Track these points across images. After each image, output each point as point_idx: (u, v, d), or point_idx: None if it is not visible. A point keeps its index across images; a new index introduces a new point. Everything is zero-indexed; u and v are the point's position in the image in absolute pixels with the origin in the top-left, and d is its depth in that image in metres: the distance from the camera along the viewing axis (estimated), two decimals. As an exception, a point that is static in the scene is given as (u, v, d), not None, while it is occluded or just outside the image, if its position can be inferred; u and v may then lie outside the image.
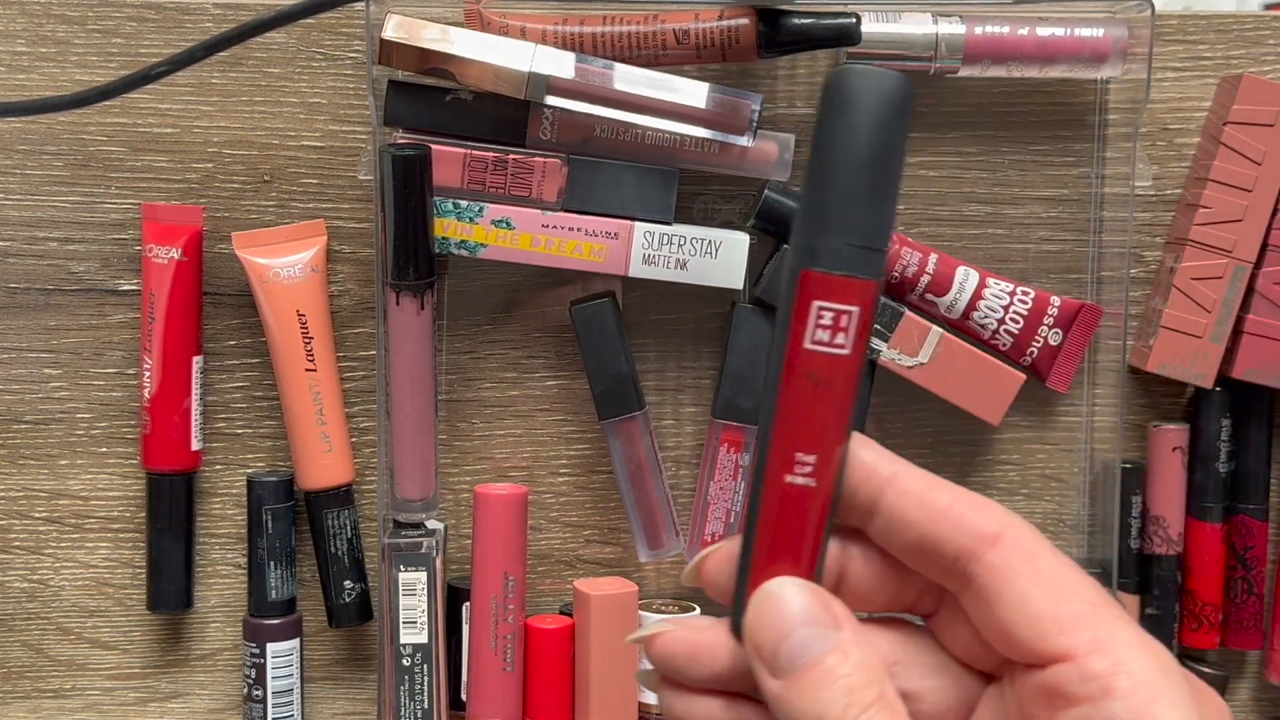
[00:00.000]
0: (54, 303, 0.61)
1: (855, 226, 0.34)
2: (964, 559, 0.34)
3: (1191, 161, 0.62)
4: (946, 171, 0.62)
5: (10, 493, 0.62)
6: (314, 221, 0.61)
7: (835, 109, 0.34)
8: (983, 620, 0.34)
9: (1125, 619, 0.33)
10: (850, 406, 0.35)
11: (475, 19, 0.57)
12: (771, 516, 0.35)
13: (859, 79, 0.34)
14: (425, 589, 0.59)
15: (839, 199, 0.34)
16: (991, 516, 0.35)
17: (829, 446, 0.34)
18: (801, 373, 0.34)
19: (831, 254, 0.34)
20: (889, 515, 0.35)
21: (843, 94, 0.34)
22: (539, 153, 0.58)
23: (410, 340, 0.58)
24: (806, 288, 0.34)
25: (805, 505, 0.35)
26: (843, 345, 0.34)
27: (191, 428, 0.60)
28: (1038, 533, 0.35)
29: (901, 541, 0.35)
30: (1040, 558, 0.34)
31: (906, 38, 0.58)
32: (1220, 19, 0.62)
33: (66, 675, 0.63)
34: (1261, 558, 0.63)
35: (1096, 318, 0.61)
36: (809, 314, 0.34)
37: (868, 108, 0.34)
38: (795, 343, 0.34)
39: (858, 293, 0.34)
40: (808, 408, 0.34)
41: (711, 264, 0.59)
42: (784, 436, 0.34)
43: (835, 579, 0.36)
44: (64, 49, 0.60)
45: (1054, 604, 0.33)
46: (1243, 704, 0.65)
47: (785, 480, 0.34)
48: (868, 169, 0.34)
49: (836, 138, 0.34)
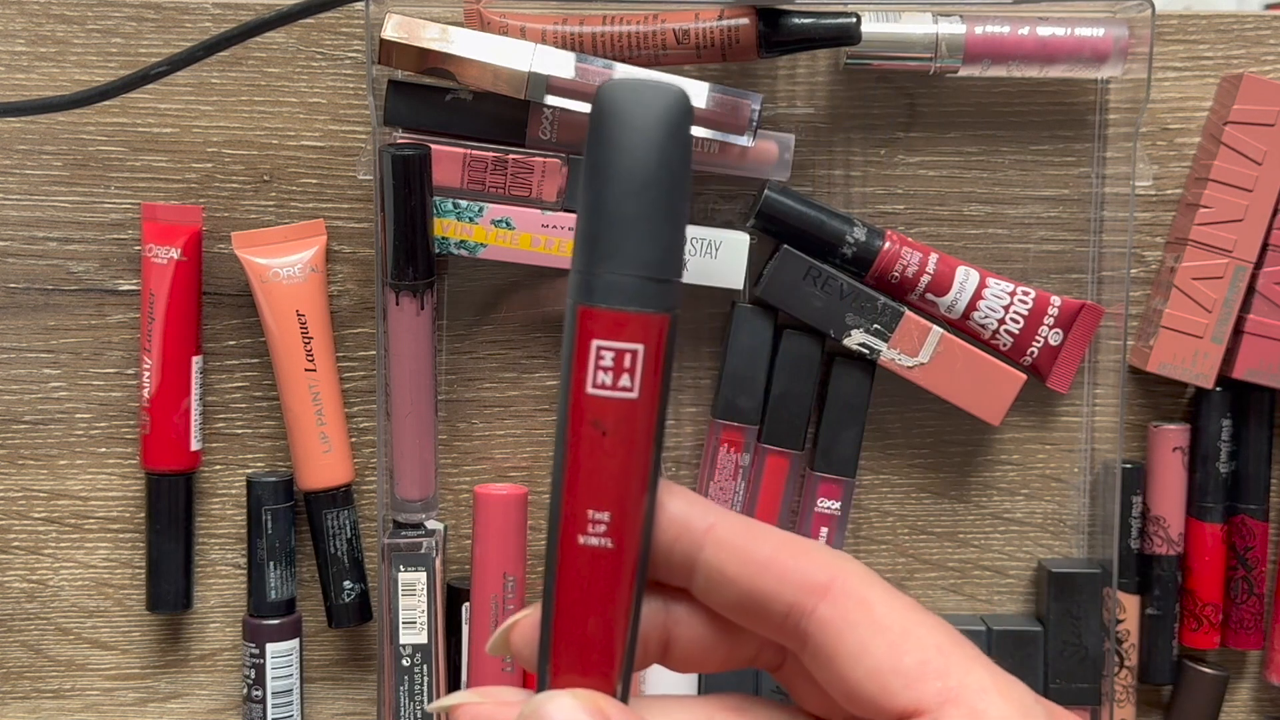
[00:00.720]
0: (53, 303, 0.61)
1: (635, 255, 0.30)
2: (794, 615, 0.32)
3: (1192, 161, 0.62)
4: (947, 171, 0.62)
5: (9, 493, 0.62)
6: (313, 221, 0.61)
7: (605, 126, 0.31)
8: (826, 678, 0.32)
9: (977, 658, 0.31)
10: (648, 456, 0.31)
11: (475, 19, 0.57)
12: (568, 582, 0.31)
13: (628, 92, 0.31)
14: (425, 589, 0.59)
15: (614, 225, 0.30)
16: (818, 564, 0.32)
17: (625, 502, 0.31)
18: (586, 420, 0.31)
19: (609, 287, 0.30)
20: (708, 572, 0.32)
21: (611, 109, 0.31)
22: (539, 152, 0.58)
23: (410, 340, 0.58)
24: (585, 326, 0.31)
25: (603, 568, 0.31)
26: (628, 388, 0.31)
27: (191, 428, 0.60)
28: (870, 574, 0.32)
29: (726, 600, 0.32)
30: (875, 604, 0.31)
31: (907, 37, 0.58)
32: (1221, 19, 0.62)
33: (66, 675, 0.63)
34: (1262, 558, 0.63)
35: (1097, 318, 0.61)
36: (589, 355, 0.31)
37: (640, 123, 0.30)
38: (577, 388, 0.31)
39: (642, 329, 0.30)
40: (596, 459, 0.31)
41: (711, 264, 0.59)
42: (573, 493, 0.31)
43: (660, 644, 0.33)
44: (63, 49, 0.60)
45: (895, 654, 0.31)
46: (1243, 704, 0.65)
47: (579, 541, 0.31)
48: (645, 190, 0.30)
49: (607, 157, 0.30)
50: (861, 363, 0.61)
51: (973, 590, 0.64)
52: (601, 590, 0.31)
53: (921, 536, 0.63)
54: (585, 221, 0.31)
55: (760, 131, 0.58)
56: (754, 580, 0.32)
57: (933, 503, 0.63)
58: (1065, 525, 0.64)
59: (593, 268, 0.31)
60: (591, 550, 0.31)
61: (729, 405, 0.60)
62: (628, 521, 0.31)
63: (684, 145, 0.31)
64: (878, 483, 0.63)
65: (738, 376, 0.60)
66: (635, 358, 0.31)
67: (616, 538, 0.31)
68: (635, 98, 0.30)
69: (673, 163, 0.31)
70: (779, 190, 0.59)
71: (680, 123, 0.31)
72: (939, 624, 0.32)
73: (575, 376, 0.31)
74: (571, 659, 0.32)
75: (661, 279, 0.31)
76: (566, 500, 0.31)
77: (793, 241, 0.60)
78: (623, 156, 0.30)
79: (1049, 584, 0.62)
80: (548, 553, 0.32)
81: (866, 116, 0.61)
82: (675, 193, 0.31)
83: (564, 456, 0.31)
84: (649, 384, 0.31)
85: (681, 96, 0.31)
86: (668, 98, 0.31)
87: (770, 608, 0.32)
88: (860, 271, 0.60)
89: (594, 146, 0.31)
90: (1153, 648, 0.63)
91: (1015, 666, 0.61)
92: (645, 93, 0.31)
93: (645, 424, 0.31)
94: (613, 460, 0.31)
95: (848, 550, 0.63)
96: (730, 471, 0.61)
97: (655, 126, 0.30)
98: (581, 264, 0.31)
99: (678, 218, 0.31)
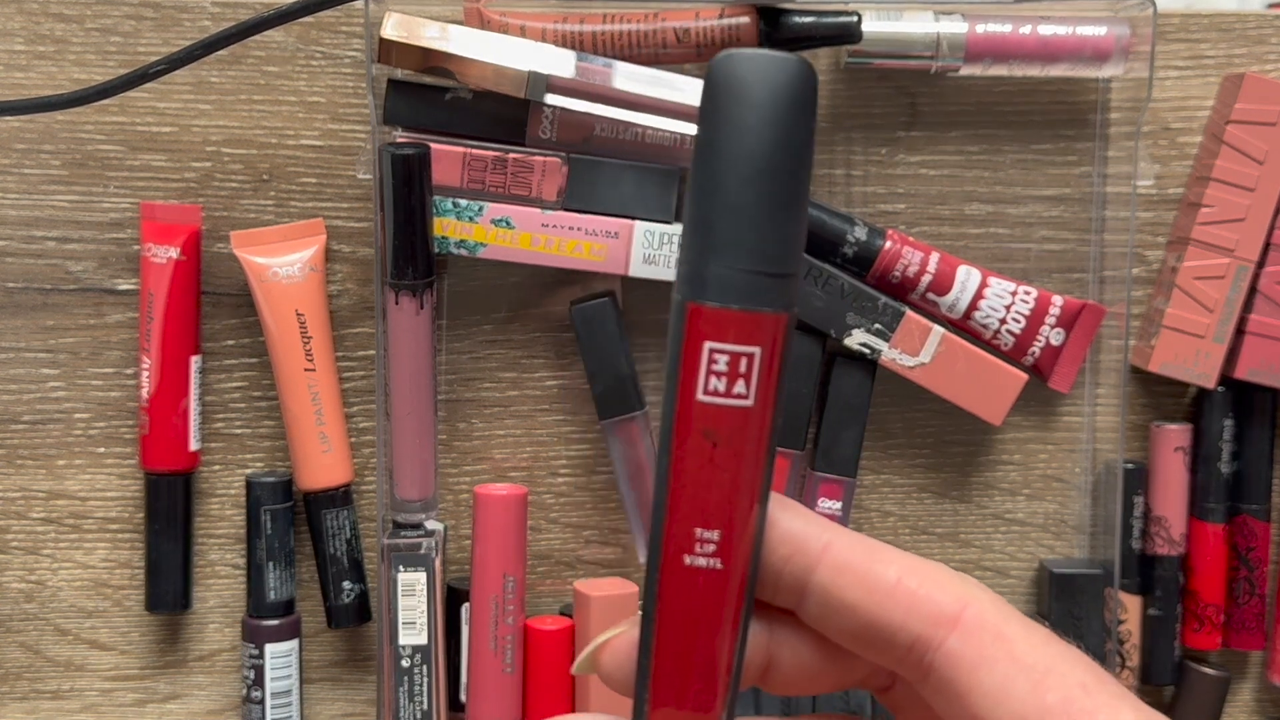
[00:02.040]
0: (51, 302, 0.61)
1: (754, 247, 0.28)
2: (920, 648, 0.29)
3: (1194, 161, 0.62)
4: (948, 171, 0.62)
5: (8, 493, 0.62)
6: (313, 221, 0.61)
7: (723, 101, 0.28)
8: (952, 713, 0.29)
9: (1123, 697, 0.29)
10: (761, 468, 0.29)
11: (475, 17, 0.57)
12: (672, 606, 0.29)
13: (749, 64, 0.28)
14: (424, 590, 0.59)
15: (731, 213, 0.28)
16: (948, 592, 0.30)
17: (736, 519, 0.29)
18: (696, 430, 0.28)
19: (724, 282, 0.28)
20: (823, 597, 0.30)
21: (729, 85, 0.28)
22: (539, 152, 0.58)
23: (409, 340, 0.58)
24: (696, 325, 0.28)
25: (711, 591, 0.29)
26: (744, 395, 0.28)
27: (190, 428, 0.60)
28: (1003, 603, 0.30)
29: (842, 627, 0.30)
30: (1013, 638, 0.29)
31: (908, 36, 0.58)
32: (1223, 18, 0.62)
33: (64, 676, 0.63)
34: (1264, 558, 0.63)
35: (1099, 317, 0.61)
36: (700, 358, 0.28)
37: (761, 100, 0.27)
38: (686, 394, 0.28)
39: (759, 330, 0.28)
40: (706, 473, 0.28)
41: (712, 263, 0.59)
42: (680, 509, 0.29)
43: (761, 667, 0.31)
44: (62, 47, 0.60)
45: (1037, 694, 0.28)
46: (1245, 705, 0.65)
47: (685, 562, 0.29)
48: (767, 174, 0.28)
49: (725, 137, 0.28)
50: (862, 362, 0.60)
51: (974, 591, 0.64)
52: (708, 615, 0.29)
53: (923, 537, 0.63)
54: (697, 207, 0.28)
55: (761, 130, 0.58)
56: (877, 609, 0.29)
57: (934, 503, 0.63)
58: (1067, 526, 0.63)
59: (706, 260, 0.28)
60: (699, 571, 0.29)
61: (730, 405, 0.60)
62: (738, 540, 0.29)
63: (809, 124, 0.28)
64: (879, 483, 0.63)
65: (738, 376, 0.60)
66: (752, 362, 0.28)
67: (726, 558, 0.29)
68: (757, 70, 0.28)
69: (797, 143, 0.28)
70: (780, 189, 0.59)
71: (807, 99, 0.28)
72: (1080, 658, 0.30)
73: (684, 381, 0.28)
74: (674, 688, 0.30)
75: (782, 274, 0.28)
76: (672, 517, 0.29)
77: (793, 241, 0.59)
78: (744, 136, 0.27)
79: (1050, 584, 0.62)
80: (648, 573, 0.29)
81: (867, 115, 0.61)
82: (798, 177, 0.28)
83: (669, 469, 0.29)
84: (765, 391, 0.28)
85: (807, 70, 0.28)
86: (793, 70, 0.28)
87: (894, 639, 0.29)
88: (861, 271, 0.60)
89: (710, 124, 0.28)
90: (1154, 648, 0.63)
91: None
92: (768, 65, 0.28)
93: (760, 434, 0.28)
94: (724, 474, 0.28)
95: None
96: (731, 472, 0.61)
97: (780, 103, 0.27)
98: (692, 255, 0.28)
99: (800, 205, 0.28)
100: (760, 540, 0.29)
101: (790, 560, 0.30)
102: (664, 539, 0.29)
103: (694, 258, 0.28)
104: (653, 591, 0.29)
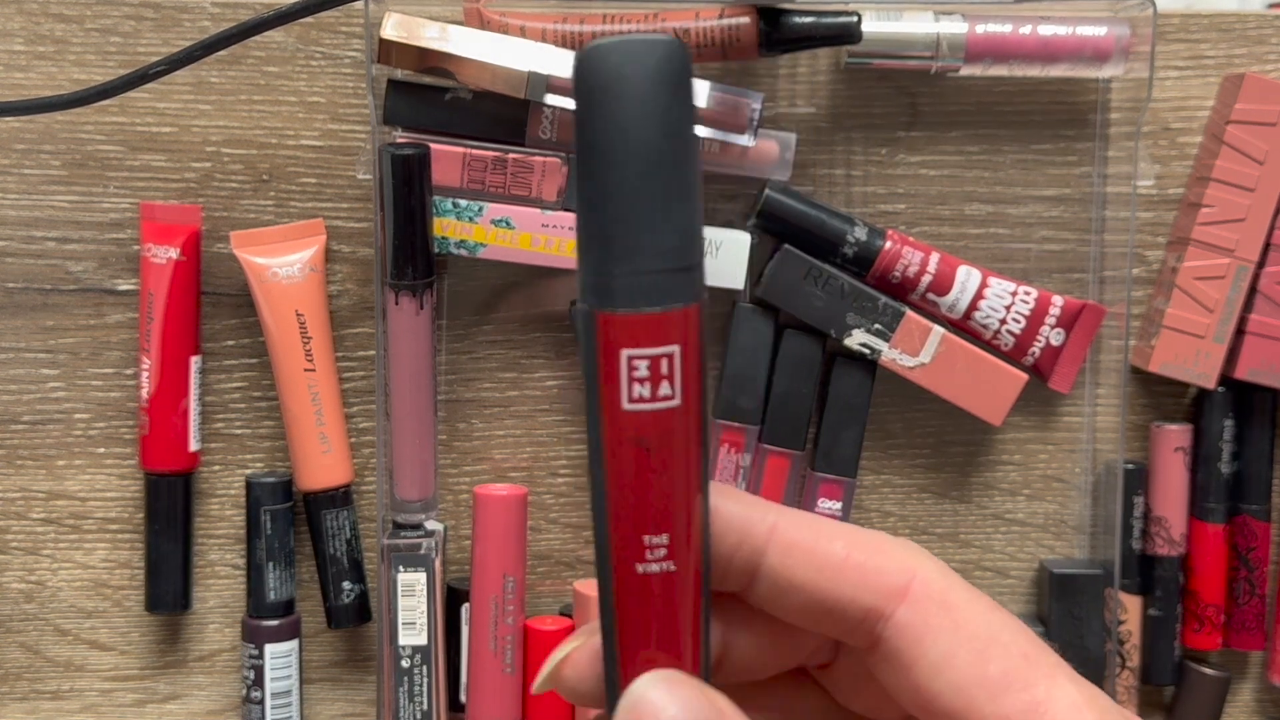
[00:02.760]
0: (51, 303, 0.61)
1: (654, 245, 0.26)
2: (870, 619, 0.29)
3: (1194, 161, 0.62)
4: (948, 171, 0.62)
5: (8, 493, 0.62)
6: (313, 221, 0.61)
7: (595, 98, 0.26)
8: (896, 684, 0.30)
9: (1059, 667, 0.29)
10: (699, 462, 0.28)
11: (475, 17, 0.57)
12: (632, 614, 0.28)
13: (611, 55, 0.26)
14: (424, 590, 0.59)
15: (625, 214, 0.26)
16: (896, 562, 0.30)
17: (681, 518, 0.28)
18: (627, 440, 0.27)
19: (631, 287, 0.27)
20: (774, 579, 0.30)
21: (597, 79, 0.26)
22: (539, 152, 0.58)
23: (409, 340, 0.58)
24: (609, 335, 0.27)
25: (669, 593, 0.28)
26: (670, 396, 0.27)
27: (190, 428, 0.60)
28: (948, 572, 0.30)
29: (793, 606, 0.30)
30: (958, 606, 0.29)
31: (908, 36, 0.58)
32: (1223, 18, 0.62)
33: (64, 676, 0.63)
34: (1264, 558, 0.63)
35: (1099, 318, 0.61)
36: (619, 368, 0.27)
37: (632, 90, 0.26)
38: (611, 405, 0.27)
39: (674, 327, 0.27)
40: (645, 480, 0.27)
41: (712, 263, 0.59)
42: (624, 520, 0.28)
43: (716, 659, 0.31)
44: (62, 48, 0.60)
45: (980, 663, 0.29)
46: (1245, 705, 0.65)
47: (638, 570, 0.28)
48: (654, 167, 0.26)
49: (604, 135, 0.26)
50: (862, 363, 0.60)
51: (974, 591, 0.63)
52: (670, 616, 0.28)
53: (923, 537, 0.63)
54: (589, 214, 0.27)
55: (761, 131, 0.58)
56: (828, 585, 0.29)
57: (934, 503, 0.63)
58: (1067, 526, 0.63)
59: (608, 266, 0.27)
60: (653, 577, 0.28)
61: (730, 405, 0.60)
62: (687, 538, 0.28)
63: (687, 103, 0.27)
64: (879, 483, 0.63)
65: (738, 376, 0.60)
66: (672, 361, 0.27)
67: (678, 558, 0.28)
68: (623, 59, 0.26)
69: (680, 128, 0.26)
70: (780, 190, 0.59)
71: (680, 78, 0.26)
72: (1020, 628, 0.30)
73: (606, 394, 0.27)
74: None
75: (686, 266, 0.27)
76: (617, 529, 0.28)
77: (793, 241, 0.59)
78: (622, 132, 0.26)
79: (1051, 585, 0.61)
80: (601, 586, 0.28)
81: (868, 116, 0.61)
82: (686, 163, 0.27)
83: (605, 483, 0.28)
84: (690, 386, 0.27)
85: (676, 47, 0.26)
86: (661, 52, 0.26)
87: (845, 613, 0.30)
88: (861, 271, 0.60)
89: (586, 124, 0.26)
90: (1155, 649, 0.63)
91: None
92: (633, 51, 0.26)
93: (693, 429, 0.28)
94: (663, 477, 0.28)
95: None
96: (731, 472, 0.61)
97: (654, 88, 0.26)
98: (593, 264, 0.27)
99: (693, 191, 0.27)
100: (708, 532, 0.29)
101: (739, 547, 0.30)
102: (612, 551, 0.28)
103: (595, 265, 0.27)
104: (609, 604, 0.28)
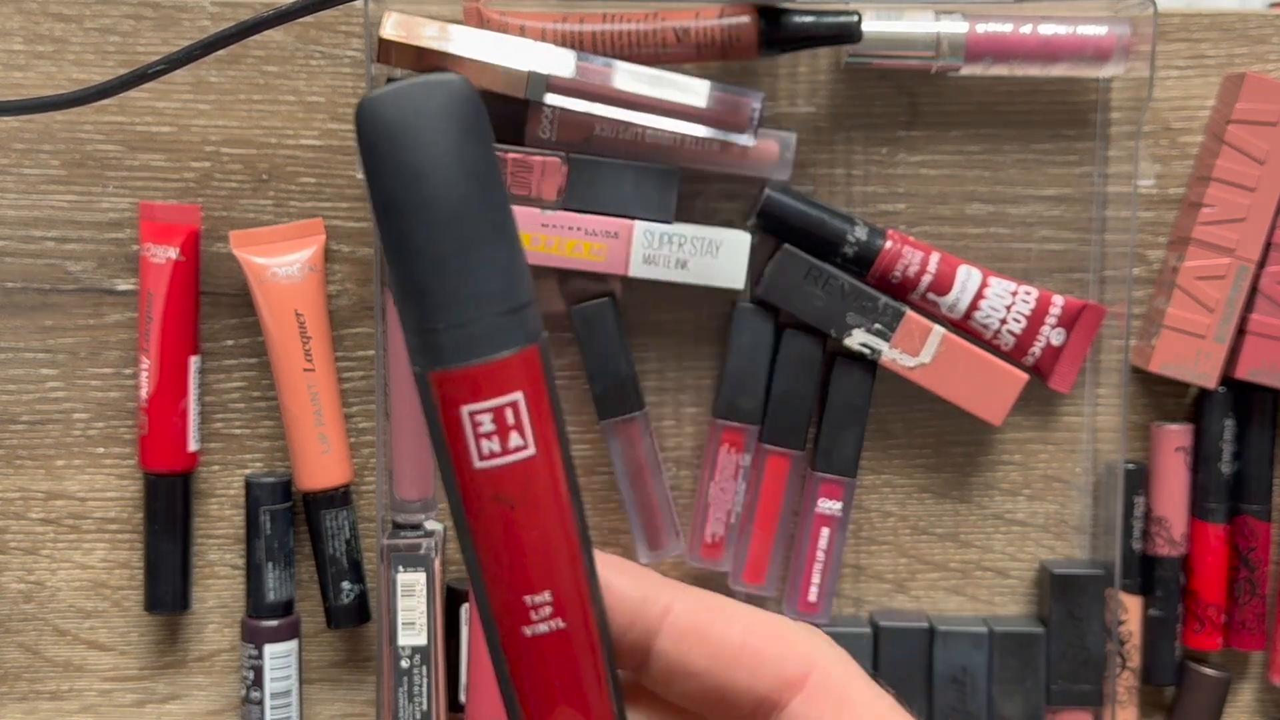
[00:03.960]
0: (50, 302, 0.61)
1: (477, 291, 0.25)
2: (764, 709, 0.29)
3: (1195, 160, 0.62)
4: (948, 170, 0.62)
5: (7, 494, 0.62)
6: (312, 220, 0.61)
7: (380, 154, 0.25)
8: None
9: None
10: (570, 511, 0.26)
11: (474, 17, 0.57)
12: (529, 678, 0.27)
13: (392, 104, 0.25)
14: (424, 590, 0.59)
15: (437, 268, 0.25)
16: (795, 652, 0.29)
17: (562, 572, 0.26)
18: (486, 498, 0.26)
19: (460, 340, 0.25)
20: (667, 663, 0.28)
21: (381, 132, 0.25)
22: (538, 152, 0.58)
23: (409, 340, 0.58)
24: (446, 394, 0.25)
25: (562, 652, 0.26)
26: (522, 446, 0.26)
27: (189, 428, 0.60)
28: (849, 663, 0.29)
29: (686, 692, 0.29)
30: (855, 704, 0.29)
31: (908, 36, 0.58)
32: (1223, 17, 0.62)
33: (63, 677, 0.63)
34: (1265, 558, 0.63)
35: (1099, 317, 0.61)
36: (462, 426, 0.26)
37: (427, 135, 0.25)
38: (462, 466, 0.26)
39: (513, 374, 0.25)
40: (514, 537, 0.26)
41: (712, 263, 0.58)
42: (501, 583, 0.26)
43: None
44: (61, 47, 0.60)
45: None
46: (1246, 705, 0.64)
47: (525, 634, 0.26)
48: (461, 212, 0.25)
49: (397, 190, 0.25)
50: (863, 363, 0.60)
51: (974, 591, 0.63)
52: (573, 674, 0.27)
53: (923, 537, 0.63)
54: (400, 271, 0.25)
55: (761, 130, 0.57)
56: (722, 673, 0.28)
57: (934, 503, 0.63)
58: (1067, 526, 0.63)
59: (429, 323, 0.25)
60: (542, 638, 0.26)
61: (730, 405, 0.60)
62: (573, 592, 0.26)
63: (484, 141, 0.25)
64: (879, 483, 0.63)
65: (739, 376, 0.60)
66: (518, 409, 0.26)
67: (568, 614, 0.26)
68: (404, 106, 0.25)
69: (478, 166, 0.25)
70: (780, 189, 0.59)
71: (470, 115, 0.25)
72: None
73: (456, 455, 0.26)
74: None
75: (514, 308, 0.25)
76: (495, 593, 0.26)
77: (794, 241, 0.59)
78: (417, 180, 0.24)
79: (1051, 585, 0.61)
80: (492, 654, 0.27)
81: (868, 115, 0.61)
82: (493, 201, 0.25)
83: (474, 546, 0.26)
84: (544, 431, 0.26)
85: (460, 84, 0.25)
86: (444, 93, 0.25)
87: (739, 701, 0.28)
88: (861, 271, 0.60)
89: (379, 178, 0.25)
90: (1155, 649, 0.63)
91: (1017, 668, 0.61)
92: (416, 95, 0.25)
93: (556, 476, 0.26)
94: (533, 531, 0.26)
95: (849, 552, 0.63)
96: (731, 472, 0.61)
97: (443, 131, 0.25)
98: (414, 323, 0.25)
99: (507, 228, 0.26)
100: (596, 584, 0.27)
101: (630, 629, 0.28)
102: (495, 618, 0.26)
103: (416, 323, 0.25)
104: (504, 671, 0.27)
